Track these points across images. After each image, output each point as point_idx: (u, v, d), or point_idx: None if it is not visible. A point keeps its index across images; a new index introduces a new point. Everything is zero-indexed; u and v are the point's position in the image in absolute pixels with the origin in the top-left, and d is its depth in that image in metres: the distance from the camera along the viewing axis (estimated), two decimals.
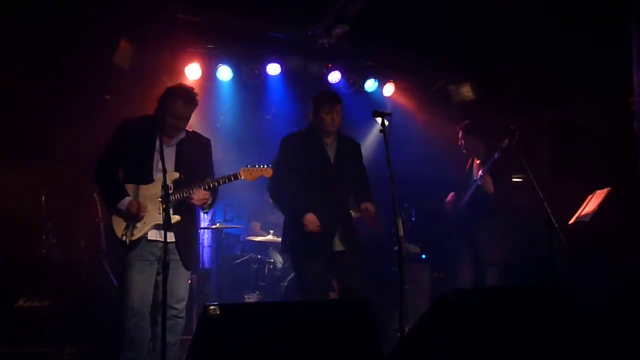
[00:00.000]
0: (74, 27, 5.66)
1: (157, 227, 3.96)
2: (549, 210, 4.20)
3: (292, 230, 4.70)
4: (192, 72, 6.52)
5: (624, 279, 4.86)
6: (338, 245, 4.64)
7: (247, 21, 6.35)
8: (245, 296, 6.61)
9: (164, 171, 3.67)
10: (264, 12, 6.14)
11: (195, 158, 4.20)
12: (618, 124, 5.45)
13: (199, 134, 4.36)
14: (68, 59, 5.85)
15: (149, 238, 3.99)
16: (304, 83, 7.20)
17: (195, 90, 4.16)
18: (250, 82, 6.92)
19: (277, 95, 7.25)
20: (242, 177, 4.17)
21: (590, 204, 5.28)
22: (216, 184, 4.08)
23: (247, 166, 4.21)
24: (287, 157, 4.69)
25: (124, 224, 3.95)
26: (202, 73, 6.60)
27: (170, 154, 4.04)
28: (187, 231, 4.17)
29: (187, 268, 4.11)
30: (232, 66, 6.78)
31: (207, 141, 4.37)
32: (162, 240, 3.76)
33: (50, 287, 5.07)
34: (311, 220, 4.50)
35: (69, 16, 5.60)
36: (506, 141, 5.40)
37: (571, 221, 5.34)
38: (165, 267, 3.48)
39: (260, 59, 6.89)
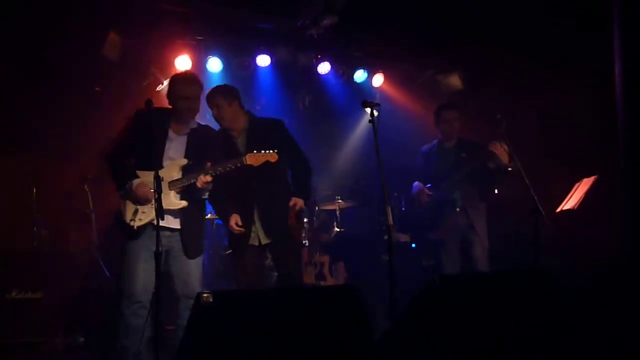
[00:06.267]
0: (62, 20, 5.65)
1: (164, 212, 3.87)
2: (536, 197, 4.24)
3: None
4: (182, 64, 6.53)
5: (606, 263, 4.94)
6: (264, 239, 4.45)
7: (235, 12, 6.37)
8: None
9: (155, 160, 3.70)
10: (253, 3, 6.15)
11: (206, 147, 4.22)
12: (606, 112, 5.50)
13: (210, 127, 4.42)
14: (57, 51, 5.84)
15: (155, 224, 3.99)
16: (294, 74, 7.23)
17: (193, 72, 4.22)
18: (240, 73, 6.94)
19: (267, 86, 7.27)
20: (248, 163, 4.07)
21: (577, 193, 5.33)
22: (222, 170, 4.02)
23: (253, 152, 4.10)
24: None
25: (133, 208, 3.99)
26: (192, 64, 6.61)
27: (181, 141, 4.14)
28: (193, 218, 4.17)
29: (188, 257, 4.10)
30: (222, 57, 6.80)
31: (217, 133, 4.44)
32: (169, 227, 3.99)
33: (42, 278, 5.08)
34: (232, 224, 4.36)
35: (57, 8, 5.59)
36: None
37: (558, 209, 5.40)
38: (157, 255, 3.50)
39: (250, 50, 6.90)
